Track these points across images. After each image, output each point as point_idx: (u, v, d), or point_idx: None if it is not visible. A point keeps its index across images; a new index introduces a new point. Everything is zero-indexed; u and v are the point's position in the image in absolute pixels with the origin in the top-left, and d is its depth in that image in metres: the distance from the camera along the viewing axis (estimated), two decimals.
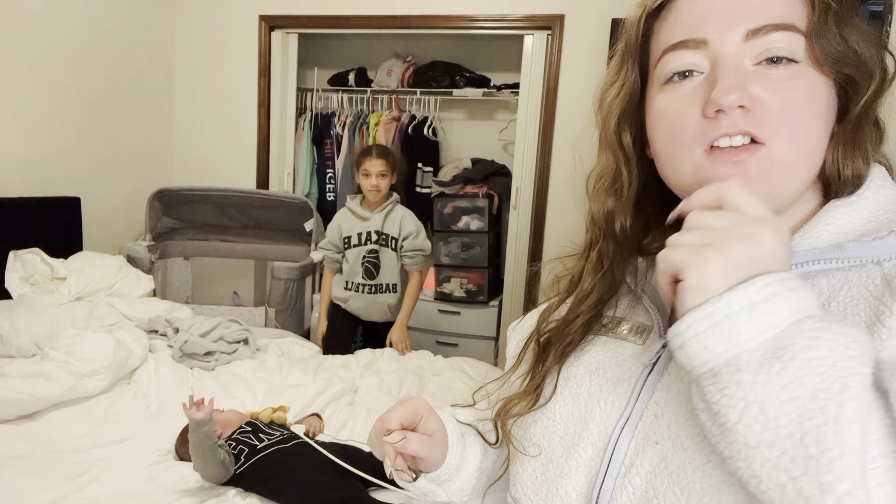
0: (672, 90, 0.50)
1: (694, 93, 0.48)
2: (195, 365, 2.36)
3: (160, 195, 3.12)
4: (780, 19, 0.46)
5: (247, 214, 3.33)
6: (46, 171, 2.75)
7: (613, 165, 0.57)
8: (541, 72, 3.08)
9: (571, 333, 0.58)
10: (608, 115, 0.57)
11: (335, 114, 3.79)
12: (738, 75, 0.46)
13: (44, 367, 1.96)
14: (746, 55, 0.47)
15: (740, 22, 0.46)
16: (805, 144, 0.46)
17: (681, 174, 0.50)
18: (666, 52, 0.50)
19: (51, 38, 2.70)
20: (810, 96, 0.46)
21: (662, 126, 0.51)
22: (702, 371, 0.39)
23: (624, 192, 0.57)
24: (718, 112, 0.46)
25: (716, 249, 0.39)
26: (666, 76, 0.50)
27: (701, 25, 0.48)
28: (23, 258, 2.49)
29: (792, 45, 0.46)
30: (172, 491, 1.57)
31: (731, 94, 0.45)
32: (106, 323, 2.42)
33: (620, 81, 0.55)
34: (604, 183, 0.58)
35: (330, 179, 3.79)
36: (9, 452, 1.64)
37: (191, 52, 3.52)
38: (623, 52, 0.56)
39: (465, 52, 3.76)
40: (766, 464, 0.35)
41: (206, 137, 3.58)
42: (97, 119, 3.02)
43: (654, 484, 0.46)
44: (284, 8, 3.36)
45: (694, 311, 0.39)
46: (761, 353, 0.36)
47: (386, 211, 2.61)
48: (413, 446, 0.58)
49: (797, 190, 0.48)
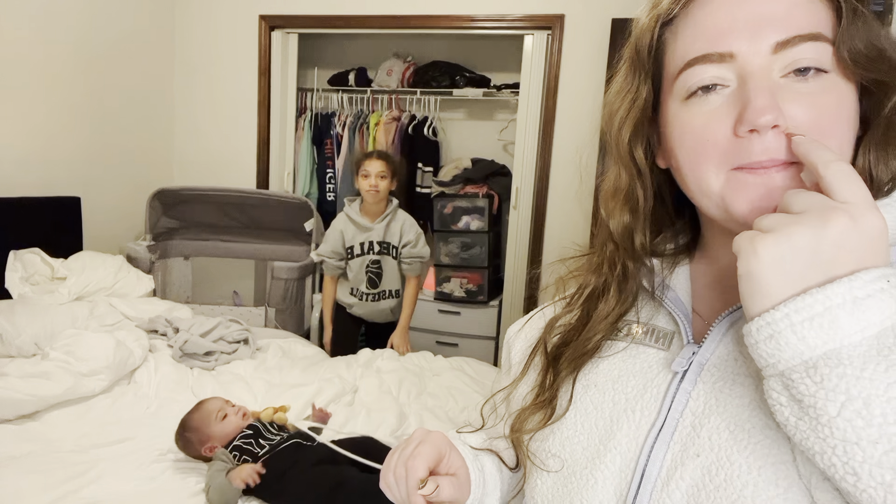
0: (697, 105, 0.48)
1: (722, 108, 0.46)
2: (195, 365, 2.36)
3: (160, 195, 3.12)
4: (808, 29, 0.44)
5: (247, 214, 3.33)
6: (46, 171, 2.75)
7: (627, 182, 0.55)
8: (541, 72, 3.08)
9: (588, 348, 0.56)
10: (620, 131, 0.54)
11: (335, 114, 3.79)
12: (771, 92, 0.44)
13: (44, 367, 1.96)
14: (774, 68, 0.45)
15: (768, 33, 0.45)
16: None
17: (706, 191, 0.48)
18: (688, 66, 0.48)
19: (51, 38, 2.70)
20: (840, 108, 0.45)
21: (687, 142, 0.49)
22: (792, 364, 0.37)
23: (640, 206, 0.55)
24: (752, 131, 0.44)
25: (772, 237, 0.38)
26: (689, 90, 0.48)
27: (725, 37, 0.46)
28: (23, 258, 2.49)
29: (821, 55, 0.45)
30: (172, 491, 1.57)
31: (766, 115, 0.43)
32: (106, 323, 2.42)
33: (632, 96, 0.53)
34: (619, 199, 0.56)
35: (330, 179, 3.78)
36: (9, 452, 1.64)
37: (191, 52, 3.52)
38: (633, 63, 0.53)
39: (465, 52, 3.76)
40: (869, 461, 0.34)
41: (206, 137, 3.59)
42: (97, 119, 3.02)
43: (698, 498, 0.44)
44: (284, 8, 3.36)
45: (791, 302, 0.37)
46: (864, 350, 0.35)
47: (387, 220, 2.61)
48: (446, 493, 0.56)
49: None
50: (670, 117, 0.50)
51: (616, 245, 0.56)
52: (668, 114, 0.51)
